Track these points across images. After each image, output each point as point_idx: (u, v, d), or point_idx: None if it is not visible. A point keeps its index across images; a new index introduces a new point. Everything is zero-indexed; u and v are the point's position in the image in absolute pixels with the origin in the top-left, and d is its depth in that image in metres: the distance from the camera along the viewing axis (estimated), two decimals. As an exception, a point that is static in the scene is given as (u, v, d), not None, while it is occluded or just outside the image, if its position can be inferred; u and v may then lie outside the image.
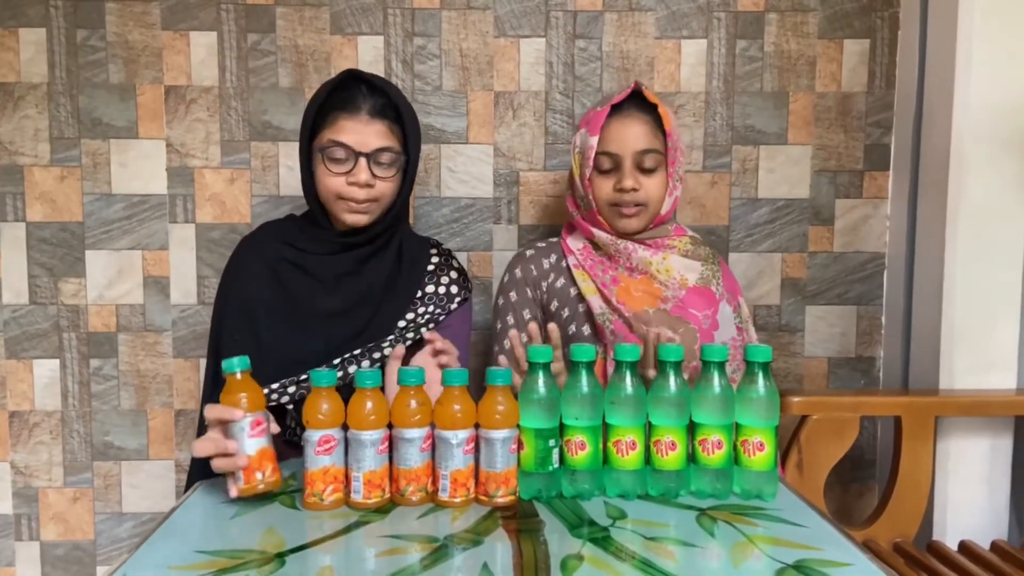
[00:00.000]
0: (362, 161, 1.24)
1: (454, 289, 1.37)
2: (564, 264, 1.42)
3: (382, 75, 1.69)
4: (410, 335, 1.31)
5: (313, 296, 1.29)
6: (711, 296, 1.37)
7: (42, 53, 1.66)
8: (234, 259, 1.36)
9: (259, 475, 0.97)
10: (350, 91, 1.26)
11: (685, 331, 1.31)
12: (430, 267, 1.38)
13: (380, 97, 1.27)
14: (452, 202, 1.74)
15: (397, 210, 1.32)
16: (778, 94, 1.74)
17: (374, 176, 1.25)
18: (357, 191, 1.25)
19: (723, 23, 1.72)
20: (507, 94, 1.72)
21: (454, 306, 1.36)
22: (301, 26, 1.68)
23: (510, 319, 1.42)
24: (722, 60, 1.73)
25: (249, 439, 0.97)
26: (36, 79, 1.66)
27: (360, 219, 1.29)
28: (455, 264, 1.41)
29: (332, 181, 1.25)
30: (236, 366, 0.99)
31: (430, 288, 1.35)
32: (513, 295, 1.43)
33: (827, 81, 1.75)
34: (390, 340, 1.29)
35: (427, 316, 1.34)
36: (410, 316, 1.33)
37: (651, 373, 1.19)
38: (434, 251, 1.41)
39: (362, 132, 1.25)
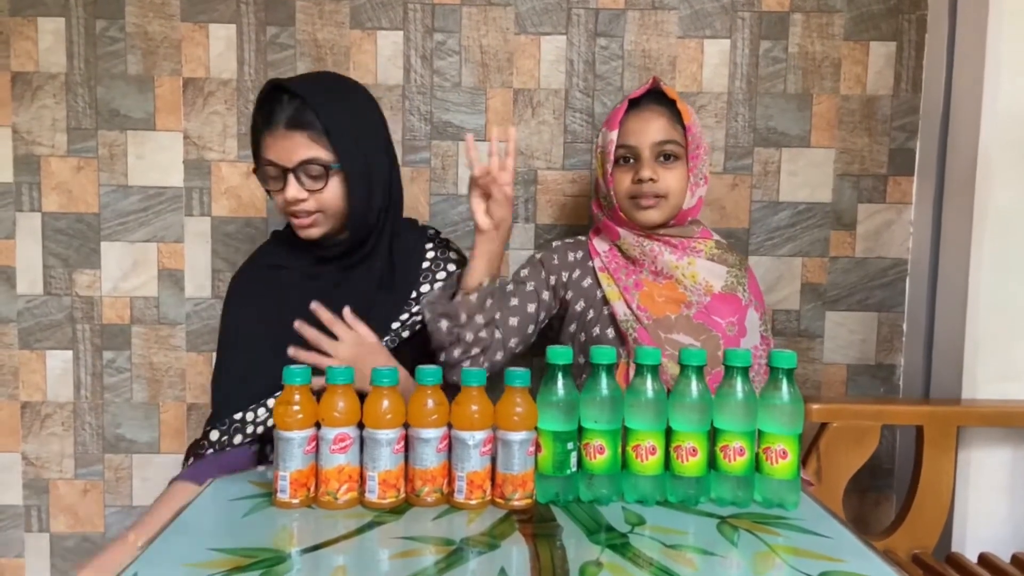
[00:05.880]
0: (289, 177, 1.21)
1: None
2: (590, 264, 1.40)
3: (400, 71, 1.68)
4: (405, 333, 1.30)
5: (303, 311, 1.21)
6: (737, 303, 1.35)
7: (61, 43, 1.65)
8: (228, 291, 1.38)
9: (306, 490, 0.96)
10: (271, 104, 1.21)
11: (707, 338, 1.29)
12: (425, 264, 1.34)
13: (297, 105, 1.19)
14: (469, 200, 1.72)
15: (368, 215, 1.26)
16: (802, 96, 1.72)
17: (305, 189, 1.21)
18: (296, 207, 1.23)
19: (747, 23, 1.70)
20: (527, 92, 1.70)
21: None
22: (320, 20, 1.67)
23: (522, 273, 1.40)
24: (745, 60, 1.71)
25: (305, 455, 0.95)
26: (54, 69, 1.66)
27: (312, 232, 1.26)
28: (452, 256, 1.37)
29: (277, 199, 1.25)
30: (297, 377, 0.96)
31: (425, 287, 1.32)
32: (526, 271, 1.40)
33: (852, 83, 1.72)
34: (386, 340, 1.27)
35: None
36: (404, 317, 1.30)
37: None
38: (429, 245, 1.37)
39: (282, 147, 1.20)
